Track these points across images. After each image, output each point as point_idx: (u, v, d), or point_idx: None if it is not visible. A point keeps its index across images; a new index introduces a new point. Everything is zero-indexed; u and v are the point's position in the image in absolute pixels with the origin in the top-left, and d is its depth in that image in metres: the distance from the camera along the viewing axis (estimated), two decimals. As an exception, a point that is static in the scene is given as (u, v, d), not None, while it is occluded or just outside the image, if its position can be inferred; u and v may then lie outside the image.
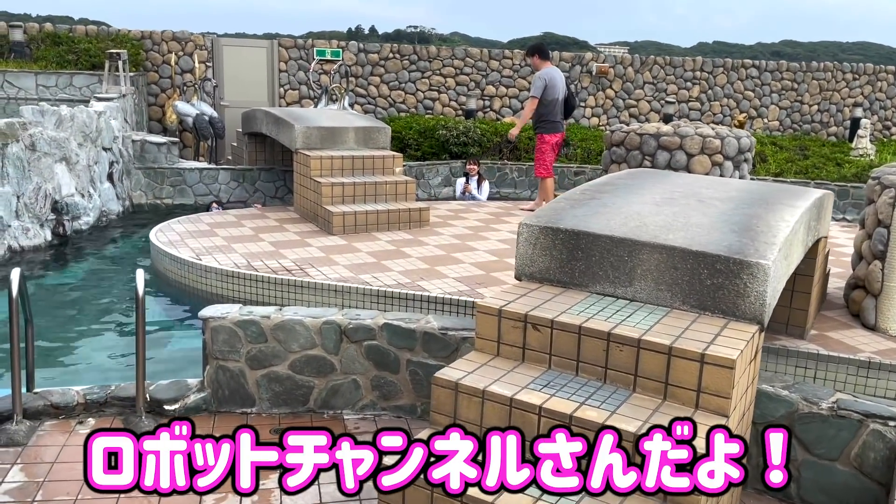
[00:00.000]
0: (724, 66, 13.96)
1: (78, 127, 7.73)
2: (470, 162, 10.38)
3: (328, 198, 7.44)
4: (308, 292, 5.67)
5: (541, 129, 8.38)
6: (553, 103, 8.31)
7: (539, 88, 8.33)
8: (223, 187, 9.44)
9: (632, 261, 3.15)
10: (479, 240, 7.19)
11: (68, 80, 10.40)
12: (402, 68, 13.07)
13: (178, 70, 12.03)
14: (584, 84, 13.59)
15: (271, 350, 3.92)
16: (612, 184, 4.07)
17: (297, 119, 8.18)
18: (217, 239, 6.84)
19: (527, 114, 8.41)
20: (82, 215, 7.70)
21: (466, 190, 10.17)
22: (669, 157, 8.07)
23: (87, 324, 5.72)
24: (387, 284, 5.62)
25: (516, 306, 3.06)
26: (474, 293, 5.46)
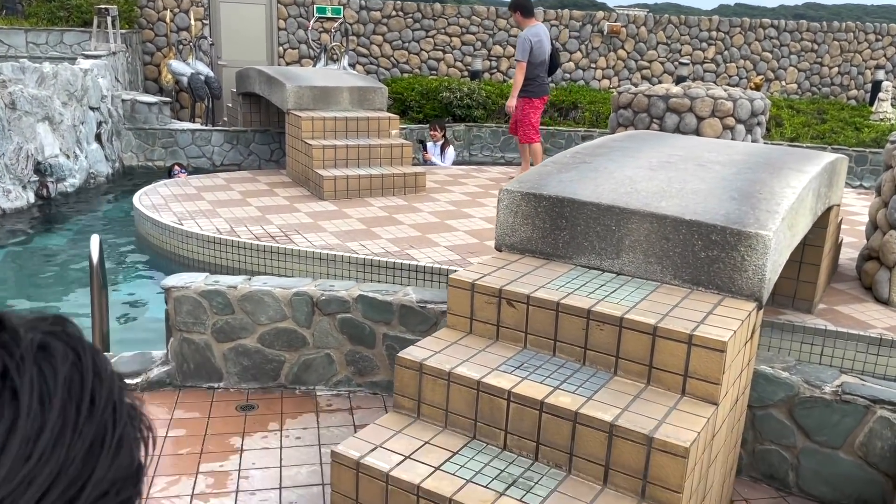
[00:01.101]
0: (742, 26, 13.43)
1: (61, 85, 7.45)
2: (432, 126, 9.63)
3: (319, 161, 7.16)
4: (291, 260, 5.42)
5: (527, 92, 7.70)
6: (541, 65, 7.71)
7: (526, 51, 7.62)
8: (216, 149, 9.18)
9: (620, 231, 2.87)
10: (475, 206, 6.90)
11: (59, 37, 10.10)
12: (405, 27, 12.66)
13: (173, 28, 11.68)
14: (594, 44, 13.13)
15: (239, 322, 3.69)
16: (606, 146, 3.76)
17: (289, 78, 7.86)
18: (202, 203, 6.59)
19: (519, 81, 7.70)
20: (67, 177, 7.47)
21: (425, 158, 9.30)
22: (678, 121, 7.71)
23: (65, 291, 5.52)
24: (374, 253, 5.37)
25: (491, 280, 2.80)
26: (465, 263, 5.20)
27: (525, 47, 7.63)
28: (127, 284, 5.44)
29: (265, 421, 3.45)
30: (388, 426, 2.53)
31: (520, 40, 7.59)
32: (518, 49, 7.60)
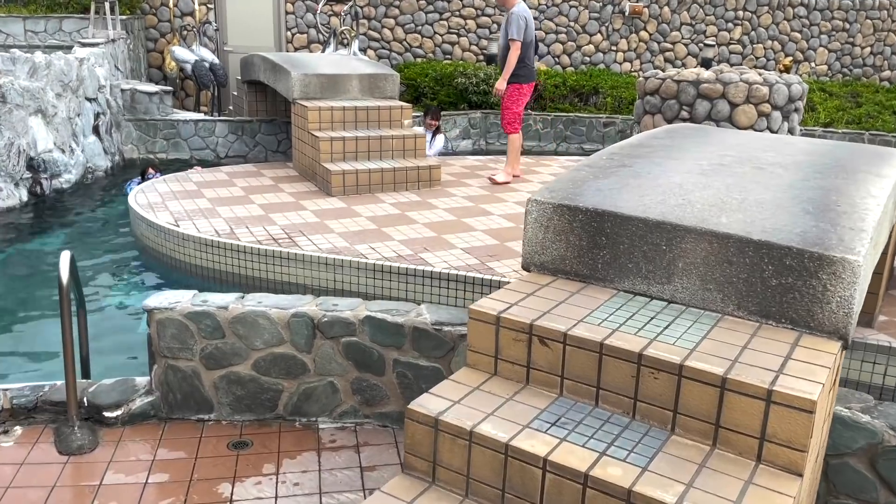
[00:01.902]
0: (770, 5, 12.78)
1: (55, 76, 7.05)
2: (430, 114, 9.00)
3: (327, 154, 6.71)
4: (294, 265, 5.00)
5: (517, 77, 6.95)
6: (529, 45, 7.00)
7: (521, 29, 6.87)
8: (220, 140, 8.76)
9: (672, 251, 2.41)
10: (495, 202, 6.44)
11: (58, 24, 9.68)
12: (418, 9, 12.13)
13: (176, 13, 11.23)
14: (615, 26, 12.54)
15: (230, 347, 3.27)
16: (646, 146, 3.29)
17: (294, 65, 7.41)
18: (202, 201, 6.18)
19: (513, 60, 6.90)
20: (63, 172, 7.08)
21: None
22: (710, 108, 7.19)
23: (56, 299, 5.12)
24: (384, 257, 4.93)
25: (520, 311, 2.35)
26: (484, 268, 4.75)
27: (520, 25, 6.84)
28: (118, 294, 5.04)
29: (259, 462, 3.04)
30: (397, 495, 2.10)
31: (513, 17, 6.80)
32: (512, 26, 6.79)
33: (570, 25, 12.43)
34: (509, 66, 6.84)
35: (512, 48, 6.82)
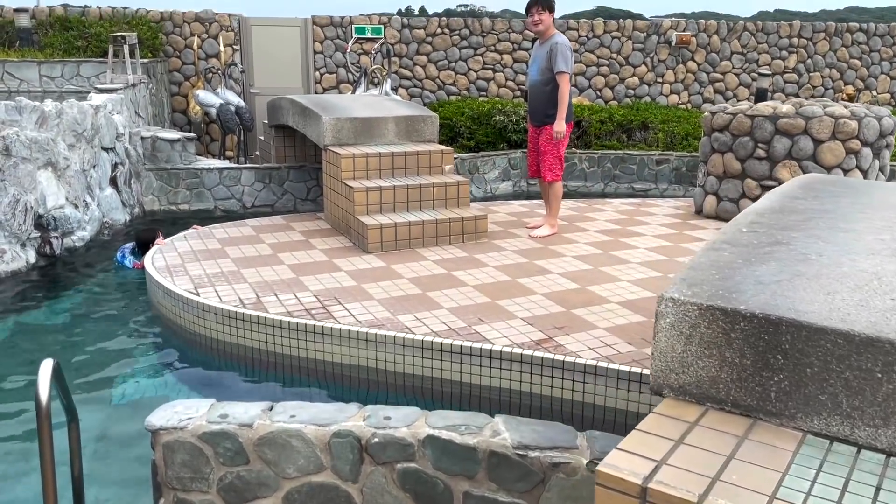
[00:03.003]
0: (826, 32, 12.03)
1: (67, 125, 6.50)
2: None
3: (362, 206, 6.05)
4: (331, 341, 4.30)
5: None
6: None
7: (570, 61, 6.04)
8: (246, 189, 8.16)
9: (892, 380, 1.65)
10: (551, 256, 5.70)
11: (75, 68, 9.23)
12: (451, 45, 11.57)
13: (201, 55, 10.78)
14: (661, 57, 11.86)
15: (256, 476, 2.55)
16: (792, 211, 2.54)
17: (325, 109, 6.80)
18: (226, 262, 5.52)
19: (567, 96, 6.01)
20: (76, 229, 6.49)
21: None
22: (790, 145, 6.44)
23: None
24: (433, 331, 4.21)
25: (674, 478, 1.60)
26: (553, 344, 4.00)
27: (568, 55, 6.01)
28: (126, 383, 4.35)
29: None
30: None
31: (560, 47, 5.94)
32: (560, 58, 5.93)
33: (613, 57, 11.78)
34: (564, 102, 6.02)
35: (562, 82, 5.98)
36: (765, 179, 6.52)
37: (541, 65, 6.11)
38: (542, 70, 6.10)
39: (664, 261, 5.56)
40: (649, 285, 4.97)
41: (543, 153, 6.23)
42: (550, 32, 6.12)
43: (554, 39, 6.06)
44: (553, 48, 5.99)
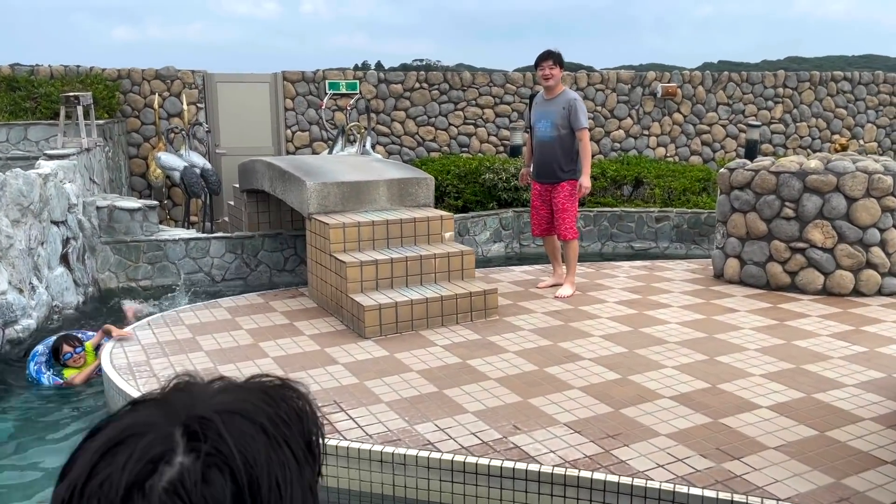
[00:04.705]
0: (811, 81, 11.80)
1: (11, 198, 5.66)
2: None
3: (356, 283, 5.30)
4: (335, 462, 3.50)
5: (574, 173, 5.87)
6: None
7: (587, 116, 6.04)
8: (216, 261, 7.34)
9: None
10: (577, 337, 5.00)
11: (22, 132, 8.39)
12: (430, 100, 11.01)
13: (162, 114, 10.02)
14: (647, 109, 11.47)
15: None
16: None
17: (308, 173, 6.09)
18: (198, 356, 4.70)
19: (590, 151, 5.89)
20: (20, 318, 5.59)
21: None
22: (822, 203, 5.90)
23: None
24: (463, 446, 3.45)
25: None
26: (613, 460, 3.26)
27: (585, 111, 5.95)
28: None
29: None
30: None
31: (577, 103, 5.80)
32: (581, 115, 5.80)
33: (598, 110, 11.35)
34: (589, 157, 5.85)
35: (585, 138, 5.83)
36: (794, 241, 5.96)
37: (555, 121, 5.84)
38: (557, 126, 5.84)
39: (704, 339, 4.90)
40: (699, 372, 4.29)
41: (562, 210, 5.90)
42: (560, 88, 5.96)
43: (568, 95, 5.90)
44: (572, 105, 5.80)
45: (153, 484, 0.50)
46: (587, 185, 5.85)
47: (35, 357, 5.02)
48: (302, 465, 0.56)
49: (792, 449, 3.36)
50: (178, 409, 0.54)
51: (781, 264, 6.05)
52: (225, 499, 0.51)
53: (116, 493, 0.50)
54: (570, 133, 5.81)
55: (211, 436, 0.52)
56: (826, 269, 5.90)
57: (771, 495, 2.98)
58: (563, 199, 5.87)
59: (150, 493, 0.49)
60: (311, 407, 0.61)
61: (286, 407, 0.58)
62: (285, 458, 0.55)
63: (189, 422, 0.53)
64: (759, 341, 4.82)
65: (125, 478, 0.50)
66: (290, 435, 0.56)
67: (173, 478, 0.50)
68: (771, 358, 4.51)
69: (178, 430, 0.52)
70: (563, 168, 5.84)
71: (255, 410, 0.56)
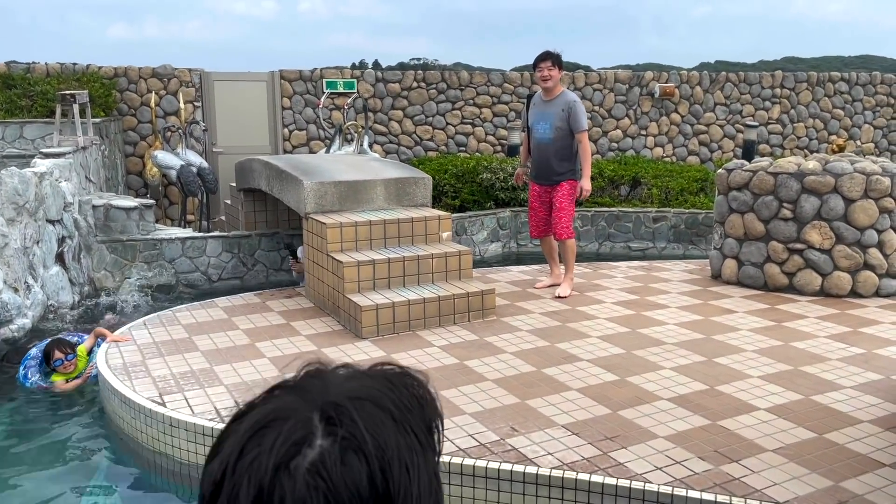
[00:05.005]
0: (809, 81, 11.80)
1: (7, 196, 5.64)
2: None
3: (353, 283, 5.29)
4: (334, 464, 3.47)
5: (574, 174, 5.89)
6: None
7: (587, 118, 6.08)
8: (212, 261, 7.31)
9: None
10: (573, 337, 4.99)
11: (18, 130, 8.34)
12: (428, 99, 10.99)
13: (159, 112, 9.98)
14: (644, 109, 11.46)
15: None
16: None
17: (306, 172, 6.07)
18: (195, 356, 4.68)
19: (590, 153, 5.94)
20: (15, 317, 5.56)
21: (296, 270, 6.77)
22: (819, 204, 5.90)
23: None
24: (460, 448, 3.44)
25: None
26: (611, 462, 3.25)
27: (585, 113, 5.96)
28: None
29: None
30: None
31: (577, 105, 5.79)
32: (581, 117, 5.81)
33: (595, 110, 11.34)
34: (589, 159, 5.87)
35: (585, 140, 5.84)
36: (792, 242, 5.96)
37: (553, 123, 5.82)
38: (556, 128, 5.81)
39: (702, 340, 4.89)
40: (697, 374, 4.28)
41: (560, 210, 5.87)
42: (559, 89, 5.93)
43: (567, 97, 5.86)
44: (571, 107, 5.77)
45: (298, 464, 0.55)
46: (588, 187, 5.85)
47: (27, 360, 4.94)
48: (426, 450, 0.59)
49: (790, 451, 3.35)
50: (314, 396, 0.58)
51: (779, 265, 6.04)
52: (361, 480, 0.55)
53: (265, 471, 0.55)
54: (569, 134, 5.79)
55: (345, 421, 0.56)
56: (824, 271, 5.89)
57: (769, 498, 2.97)
58: (561, 198, 5.86)
59: (296, 473, 0.54)
60: (430, 394, 0.64)
61: (407, 394, 0.61)
62: (412, 442, 0.58)
63: (325, 408, 0.57)
64: (756, 342, 4.82)
65: (273, 458, 0.55)
66: (414, 421, 0.59)
67: (315, 459, 0.55)
68: (769, 359, 4.50)
69: (315, 416, 0.57)
70: (562, 169, 5.84)
71: (382, 397, 0.59)
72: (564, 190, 5.87)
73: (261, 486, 0.54)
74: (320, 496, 0.54)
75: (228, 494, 0.55)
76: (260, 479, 0.54)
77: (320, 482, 0.54)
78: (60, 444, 4.15)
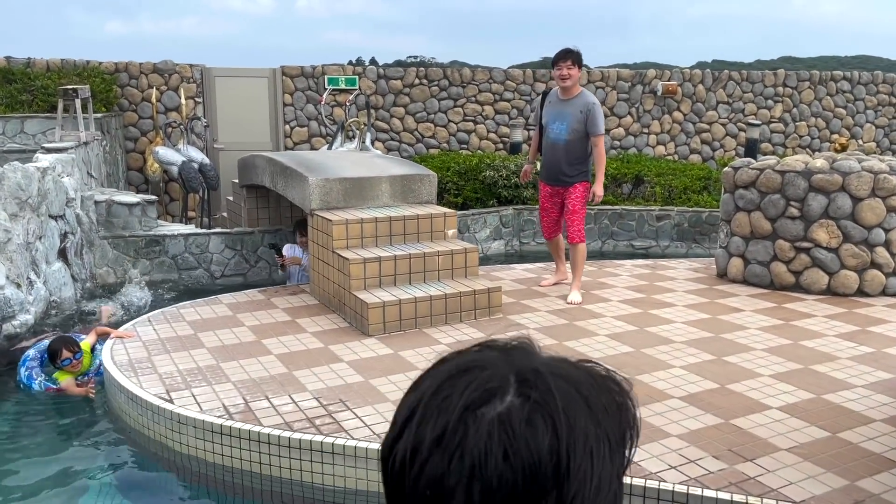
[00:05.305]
0: (811, 80, 11.80)
1: (9, 191, 5.58)
2: (301, 232, 6.44)
3: (359, 280, 5.25)
4: (344, 462, 3.46)
5: (586, 175, 5.77)
6: None
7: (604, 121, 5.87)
8: (215, 257, 7.28)
9: None
10: (581, 336, 4.97)
11: (19, 125, 8.29)
12: (430, 96, 10.95)
13: (160, 108, 9.93)
14: (646, 107, 11.44)
15: None
16: None
17: (310, 168, 6.03)
18: (201, 353, 4.64)
19: (604, 157, 5.85)
20: (17, 313, 5.51)
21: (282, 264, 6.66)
22: (826, 203, 5.88)
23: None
24: (474, 445, 3.39)
25: None
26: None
27: (603, 116, 5.83)
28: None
29: None
30: None
31: (596, 107, 5.61)
32: (600, 120, 5.66)
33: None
34: (603, 165, 5.74)
35: (601, 144, 5.74)
36: (799, 240, 5.94)
37: (570, 124, 5.61)
38: (572, 129, 5.62)
39: (710, 339, 4.87)
40: (707, 372, 4.26)
41: (573, 213, 5.75)
42: (578, 89, 5.70)
43: (587, 98, 5.66)
44: (590, 109, 5.58)
45: (485, 412, 0.56)
46: (600, 193, 5.72)
47: (26, 362, 4.82)
48: (614, 450, 0.59)
49: (804, 450, 3.33)
50: (517, 360, 0.60)
51: (786, 264, 6.02)
52: (542, 445, 0.55)
53: (453, 411, 0.56)
54: (585, 136, 5.61)
55: (541, 387, 0.57)
56: (830, 269, 5.88)
57: (786, 498, 2.95)
58: (574, 201, 5.70)
59: (481, 419, 0.56)
60: (631, 403, 0.63)
61: (608, 396, 0.61)
62: (602, 435, 0.58)
63: (524, 371, 0.58)
64: (765, 341, 4.80)
65: (462, 400, 0.57)
66: (609, 422, 0.59)
67: (502, 411, 0.56)
68: (778, 358, 4.48)
69: (512, 375, 0.58)
70: (574, 172, 5.67)
71: (582, 384, 0.59)
72: (578, 192, 5.70)
73: (447, 423, 0.56)
74: (500, 449, 0.54)
75: (416, 427, 0.57)
76: (447, 417, 0.56)
77: (503, 434, 0.55)
78: (65, 440, 4.11)
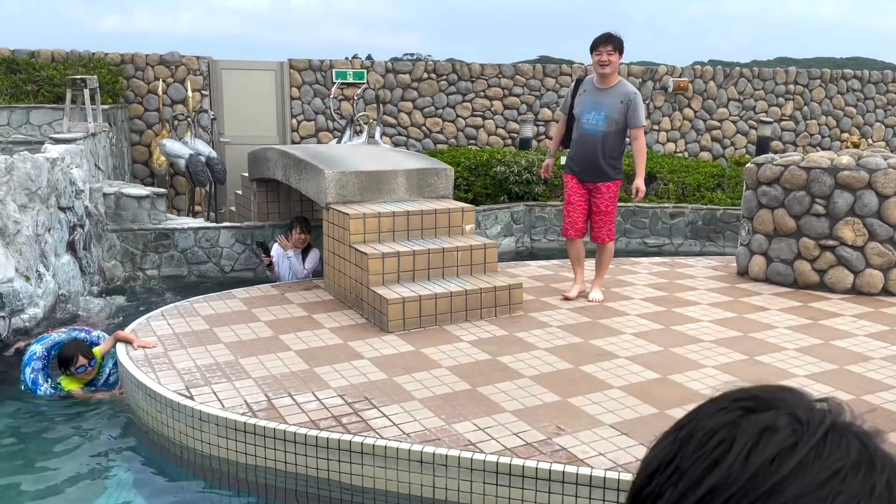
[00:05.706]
0: (822, 79, 11.71)
1: (19, 182, 5.45)
2: (300, 229, 6.43)
3: (378, 275, 5.13)
4: (372, 462, 3.34)
5: (620, 172, 5.52)
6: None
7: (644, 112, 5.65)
8: (225, 251, 7.14)
9: None
10: (606, 334, 4.86)
11: (24, 115, 8.14)
12: (438, 91, 10.82)
13: (166, 101, 9.78)
14: (657, 103, 11.33)
15: None
16: None
17: (325, 162, 5.90)
18: (218, 348, 4.52)
19: (645, 153, 5.50)
20: (27, 307, 5.38)
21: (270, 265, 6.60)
22: (853, 200, 5.77)
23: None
24: (506, 447, 3.30)
25: None
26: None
27: (644, 107, 5.58)
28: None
29: None
30: None
31: (637, 98, 5.27)
32: (640, 110, 5.30)
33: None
34: (644, 158, 5.40)
35: (642, 137, 5.42)
36: (824, 238, 5.84)
37: (609, 115, 5.27)
38: (612, 121, 5.27)
39: (740, 338, 4.76)
40: (741, 373, 4.15)
41: (605, 213, 5.49)
42: (616, 78, 5.38)
43: (626, 88, 5.34)
44: (631, 99, 5.25)
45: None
46: (643, 188, 5.40)
47: (31, 361, 4.55)
48: None
49: (851, 453, 3.22)
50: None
51: (810, 262, 5.92)
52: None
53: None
54: (622, 129, 5.32)
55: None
56: (856, 268, 5.78)
57: (838, 503, 2.84)
58: (608, 200, 5.43)
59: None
60: None
61: None
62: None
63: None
64: (796, 341, 4.69)
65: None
66: None
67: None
68: (812, 358, 4.38)
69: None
70: (610, 166, 5.37)
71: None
72: (612, 192, 5.44)
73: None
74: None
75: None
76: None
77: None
78: (80, 437, 3.98)
